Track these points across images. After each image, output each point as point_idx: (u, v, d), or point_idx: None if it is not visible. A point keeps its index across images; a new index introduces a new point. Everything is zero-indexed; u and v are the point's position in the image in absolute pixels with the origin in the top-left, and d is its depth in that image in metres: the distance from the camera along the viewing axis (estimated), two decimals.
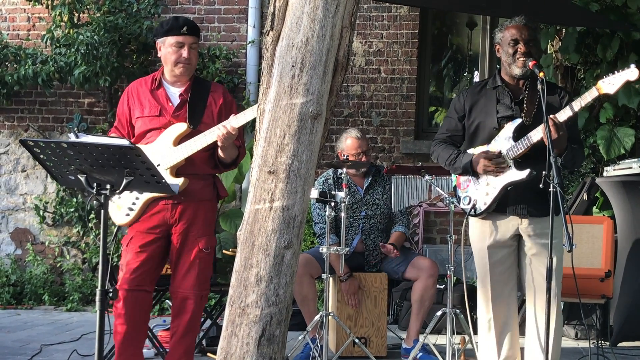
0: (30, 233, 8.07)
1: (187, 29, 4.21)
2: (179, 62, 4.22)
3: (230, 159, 4.26)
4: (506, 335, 4.13)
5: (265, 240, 3.06)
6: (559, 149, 3.87)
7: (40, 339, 5.84)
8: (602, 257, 5.45)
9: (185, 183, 4.10)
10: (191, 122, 4.19)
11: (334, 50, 3.15)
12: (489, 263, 4.10)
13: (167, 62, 4.26)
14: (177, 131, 4.17)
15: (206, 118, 4.24)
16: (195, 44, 4.27)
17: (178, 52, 4.21)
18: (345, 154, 5.43)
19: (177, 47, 4.21)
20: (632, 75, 3.79)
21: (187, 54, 4.21)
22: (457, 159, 4.14)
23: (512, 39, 4.03)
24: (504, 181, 4.01)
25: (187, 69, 4.25)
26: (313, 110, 3.09)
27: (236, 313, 3.06)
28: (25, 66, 7.49)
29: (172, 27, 4.22)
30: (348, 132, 5.59)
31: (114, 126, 4.41)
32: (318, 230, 5.40)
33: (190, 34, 4.22)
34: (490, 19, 7.82)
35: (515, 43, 4.02)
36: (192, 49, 4.23)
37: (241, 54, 7.87)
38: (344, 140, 5.52)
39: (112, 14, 7.50)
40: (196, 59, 4.31)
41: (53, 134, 8.05)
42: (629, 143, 6.49)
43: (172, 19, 4.30)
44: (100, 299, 3.17)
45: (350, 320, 5.29)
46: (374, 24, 7.73)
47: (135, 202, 4.15)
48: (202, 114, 4.23)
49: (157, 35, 4.31)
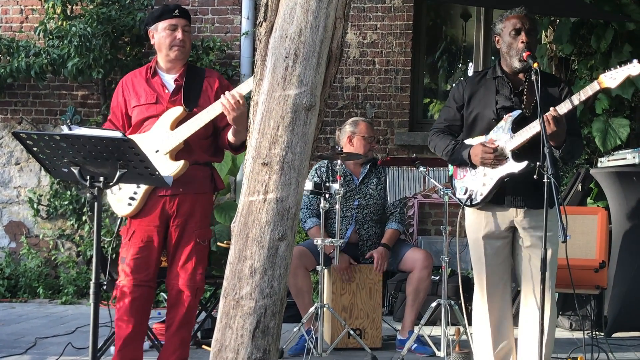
0: (24, 226, 8.06)
1: (179, 11, 4.21)
2: (174, 44, 4.20)
3: (242, 138, 4.06)
4: (501, 326, 4.13)
5: (259, 232, 3.05)
6: (558, 141, 3.86)
7: (34, 332, 5.83)
8: (596, 248, 5.45)
9: (185, 166, 4.06)
10: (187, 105, 4.15)
11: (327, 41, 3.13)
12: (484, 254, 4.10)
13: (162, 47, 4.24)
14: (174, 115, 4.14)
15: (202, 101, 4.20)
16: (188, 26, 4.24)
17: (172, 35, 4.19)
18: (351, 138, 5.42)
19: (170, 29, 4.19)
20: (635, 70, 3.78)
21: (182, 36, 4.19)
22: (455, 149, 4.13)
23: (514, 29, 4.01)
24: (502, 172, 4.00)
25: (181, 52, 4.23)
26: (307, 102, 3.08)
27: (230, 305, 3.05)
28: (18, 58, 7.46)
29: (164, 11, 4.22)
30: (357, 118, 5.62)
31: (108, 119, 4.39)
32: (301, 215, 5.36)
33: (182, 17, 4.21)
34: (484, 11, 7.81)
35: (517, 33, 4.00)
36: (185, 32, 4.22)
37: (235, 45, 7.85)
38: (355, 124, 5.49)
39: (105, 6, 7.47)
40: (190, 43, 4.29)
41: (47, 127, 8.03)
42: (624, 134, 6.51)
43: (162, 5, 4.31)
44: (94, 292, 3.17)
45: (345, 312, 5.29)
46: (368, 15, 7.72)
47: (136, 192, 4.12)
48: (198, 97, 4.21)
49: (148, 24, 4.29)
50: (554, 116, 3.78)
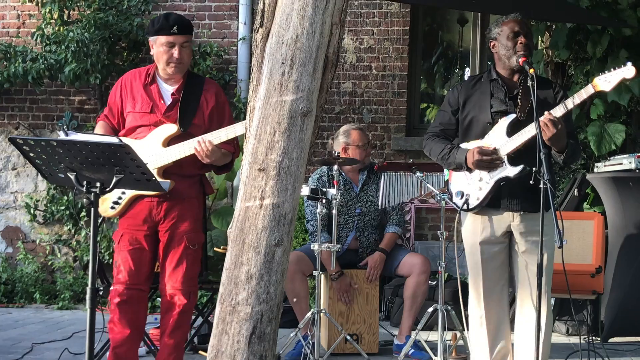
0: (21, 231, 8.05)
1: (178, 28, 4.15)
2: (170, 62, 4.18)
3: (222, 163, 4.24)
4: (497, 331, 4.14)
5: (256, 238, 3.06)
6: (560, 145, 3.87)
7: (31, 338, 5.82)
8: (592, 253, 5.46)
9: (171, 186, 4.10)
10: (182, 125, 4.16)
11: (323, 47, 3.15)
12: (481, 259, 4.11)
13: (159, 61, 4.22)
14: (168, 132, 4.15)
15: (197, 120, 4.21)
16: (187, 42, 4.20)
17: (169, 52, 4.16)
18: (351, 146, 5.41)
19: (167, 47, 4.16)
20: (629, 73, 3.80)
21: (178, 54, 4.16)
22: (450, 153, 4.13)
23: (512, 32, 4.03)
24: (498, 176, 4.01)
25: (179, 68, 4.21)
26: (303, 108, 3.09)
27: (227, 311, 3.06)
28: (16, 64, 7.46)
29: (163, 26, 4.16)
30: (347, 126, 5.57)
31: (104, 114, 4.34)
32: (310, 228, 5.39)
33: (180, 33, 4.16)
34: (480, 16, 7.82)
35: (515, 35, 4.02)
36: (183, 48, 4.18)
37: (232, 50, 7.86)
38: (347, 134, 5.46)
39: (102, 11, 7.46)
40: (189, 57, 4.26)
41: (44, 132, 8.02)
42: (619, 139, 6.51)
43: (163, 17, 4.21)
44: (90, 297, 3.16)
45: (342, 317, 5.29)
46: (365, 20, 7.73)
47: (121, 197, 4.14)
48: (193, 116, 4.21)
49: (148, 33, 4.27)
50: (551, 119, 3.79)
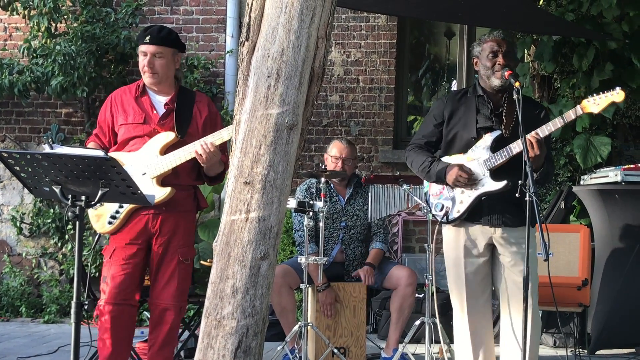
0: (7, 244, 8.00)
1: (150, 38, 4.18)
2: (144, 70, 4.21)
3: (215, 173, 4.26)
4: (482, 345, 4.13)
5: (241, 252, 3.05)
6: (537, 164, 3.90)
7: (17, 351, 5.78)
8: (579, 266, 5.47)
9: (171, 193, 4.10)
10: (179, 132, 4.18)
11: (309, 60, 3.15)
12: (464, 273, 4.11)
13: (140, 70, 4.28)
14: (164, 140, 4.16)
15: (192, 129, 4.23)
16: (161, 53, 4.20)
17: (142, 62, 4.21)
18: (327, 158, 5.47)
19: (142, 55, 4.21)
20: (618, 98, 3.85)
21: (147, 63, 4.18)
22: (431, 166, 4.15)
23: (491, 52, 4.07)
24: (480, 191, 4.04)
25: (153, 77, 4.21)
26: (289, 121, 3.09)
27: (212, 325, 3.05)
28: (2, 76, 7.43)
29: (140, 36, 4.25)
30: (338, 139, 5.68)
31: (94, 134, 4.36)
32: (298, 238, 5.40)
33: (152, 43, 4.17)
34: (467, 29, 7.86)
35: (494, 55, 4.07)
36: (156, 58, 4.19)
37: (220, 63, 7.86)
38: (330, 146, 5.54)
39: (89, 24, 7.47)
40: (162, 68, 4.22)
41: (30, 145, 7.99)
42: (605, 152, 6.54)
43: (146, 27, 4.30)
44: (75, 311, 3.14)
45: (329, 330, 5.27)
46: (352, 33, 7.75)
47: (119, 211, 4.13)
48: (188, 125, 4.23)
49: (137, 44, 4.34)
50: (537, 140, 3.82)
